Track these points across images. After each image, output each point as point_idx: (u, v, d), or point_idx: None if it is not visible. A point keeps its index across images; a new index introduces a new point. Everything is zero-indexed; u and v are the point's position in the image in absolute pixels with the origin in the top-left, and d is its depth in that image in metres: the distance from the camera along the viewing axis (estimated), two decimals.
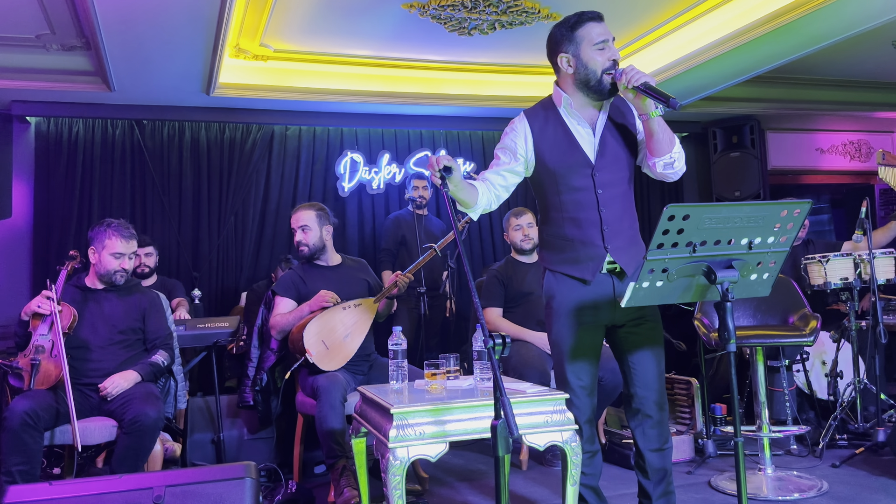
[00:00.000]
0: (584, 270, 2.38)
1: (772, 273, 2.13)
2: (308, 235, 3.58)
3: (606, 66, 2.32)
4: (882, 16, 4.05)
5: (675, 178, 2.40)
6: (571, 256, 2.40)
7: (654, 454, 2.42)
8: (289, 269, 3.69)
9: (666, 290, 2.06)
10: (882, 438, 3.57)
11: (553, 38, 2.42)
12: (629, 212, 2.45)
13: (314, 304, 3.45)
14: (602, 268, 2.38)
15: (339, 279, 3.61)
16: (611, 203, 2.38)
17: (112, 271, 3.19)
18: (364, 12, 4.19)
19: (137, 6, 3.58)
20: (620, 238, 2.39)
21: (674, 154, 2.32)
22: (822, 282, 3.83)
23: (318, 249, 3.60)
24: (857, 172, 7.27)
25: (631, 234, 2.44)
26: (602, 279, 2.39)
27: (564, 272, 2.42)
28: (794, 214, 2.02)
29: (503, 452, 1.82)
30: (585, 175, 2.38)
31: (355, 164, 5.67)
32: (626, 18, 4.49)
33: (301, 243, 3.59)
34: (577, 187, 2.38)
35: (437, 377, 2.58)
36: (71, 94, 4.87)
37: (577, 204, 2.39)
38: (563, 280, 2.43)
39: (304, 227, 3.58)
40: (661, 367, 2.46)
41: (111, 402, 2.99)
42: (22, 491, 2.06)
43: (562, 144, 2.40)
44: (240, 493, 2.14)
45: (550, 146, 2.40)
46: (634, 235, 2.45)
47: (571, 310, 2.41)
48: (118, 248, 3.18)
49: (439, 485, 3.50)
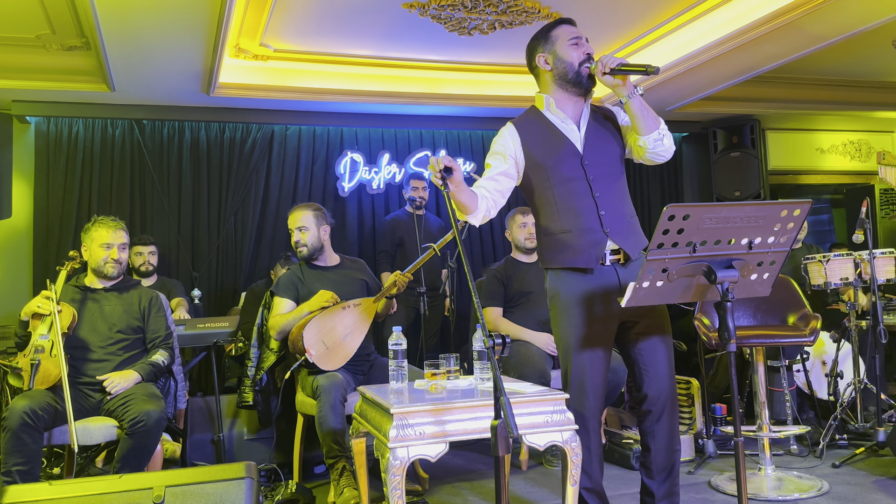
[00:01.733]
0: (586, 259, 2.38)
1: (772, 273, 2.14)
2: (306, 235, 3.59)
3: (582, 58, 2.42)
4: (882, 16, 4.05)
5: (667, 157, 2.45)
6: (572, 248, 2.40)
7: (662, 454, 2.42)
8: (287, 270, 3.69)
9: (666, 290, 2.07)
10: (882, 438, 3.57)
11: (530, 46, 2.54)
12: (625, 200, 2.47)
13: (314, 304, 3.45)
14: (604, 255, 2.38)
15: (337, 279, 3.61)
16: (605, 189, 2.41)
17: (102, 262, 3.20)
18: (364, 12, 4.19)
19: (137, 6, 3.58)
20: (620, 223, 2.40)
21: (661, 130, 2.39)
22: (822, 282, 3.83)
23: (317, 249, 3.61)
24: (857, 172, 7.27)
25: (630, 221, 2.45)
26: (605, 270, 2.39)
27: (566, 266, 2.42)
28: (794, 214, 2.02)
29: (503, 452, 1.82)
30: (575, 165, 2.42)
31: (355, 164, 5.67)
32: (626, 18, 4.49)
33: (299, 243, 3.60)
34: (569, 177, 2.42)
35: (437, 377, 2.58)
36: (71, 94, 4.87)
37: (570, 193, 2.41)
38: (566, 275, 2.42)
39: (302, 227, 3.59)
40: (671, 364, 2.44)
41: (111, 402, 2.99)
42: (22, 491, 2.07)
43: (549, 139, 2.46)
44: (240, 493, 2.14)
45: (538, 142, 2.46)
46: (634, 224, 2.47)
47: (578, 302, 2.39)
48: (105, 238, 3.19)
49: (439, 485, 3.50)
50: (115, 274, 3.25)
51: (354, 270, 3.72)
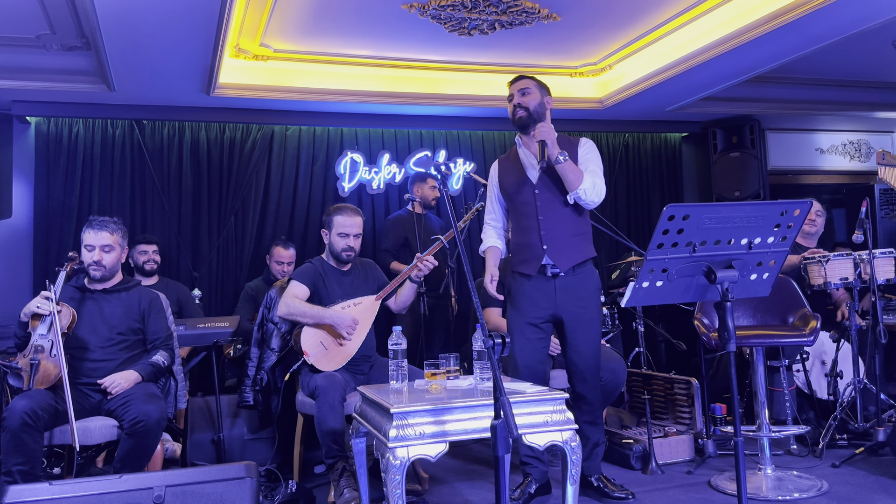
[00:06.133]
0: (528, 267, 3.09)
1: (772, 273, 2.14)
2: (358, 242, 3.59)
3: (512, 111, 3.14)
4: (882, 16, 4.05)
5: (591, 207, 3.06)
6: (520, 257, 3.13)
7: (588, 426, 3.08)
8: (308, 262, 3.66)
9: (666, 290, 2.07)
10: (882, 438, 3.57)
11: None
12: (569, 222, 3.05)
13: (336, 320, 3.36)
14: (543, 265, 3.04)
15: (352, 282, 3.61)
16: (549, 213, 3.04)
17: (86, 264, 3.19)
18: (364, 12, 4.19)
19: (137, 6, 3.58)
20: (557, 241, 3.03)
21: (579, 191, 2.98)
22: (822, 282, 3.83)
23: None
24: (857, 172, 7.27)
25: (571, 240, 3.04)
26: (543, 277, 3.05)
27: (517, 270, 3.14)
28: (794, 214, 2.02)
29: (503, 452, 1.82)
30: (529, 192, 3.08)
31: (355, 164, 5.67)
32: (626, 18, 4.49)
33: (350, 249, 3.56)
34: (523, 202, 3.10)
35: (437, 377, 2.59)
36: (71, 94, 4.87)
37: (522, 215, 3.11)
38: (517, 277, 3.15)
39: (358, 234, 3.60)
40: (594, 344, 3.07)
41: (112, 402, 2.99)
42: (22, 491, 2.07)
43: (513, 172, 3.16)
44: (240, 493, 2.14)
45: (507, 174, 3.20)
46: (574, 242, 3.05)
47: (520, 298, 3.10)
48: (87, 239, 3.17)
49: (439, 485, 3.50)
50: (97, 276, 3.19)
51: (367, 272, 3.72)
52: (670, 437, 3.76)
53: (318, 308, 3.42)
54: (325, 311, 3.40)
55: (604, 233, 4.34)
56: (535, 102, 3.08)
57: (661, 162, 6.58)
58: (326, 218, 3.62)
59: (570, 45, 4.90)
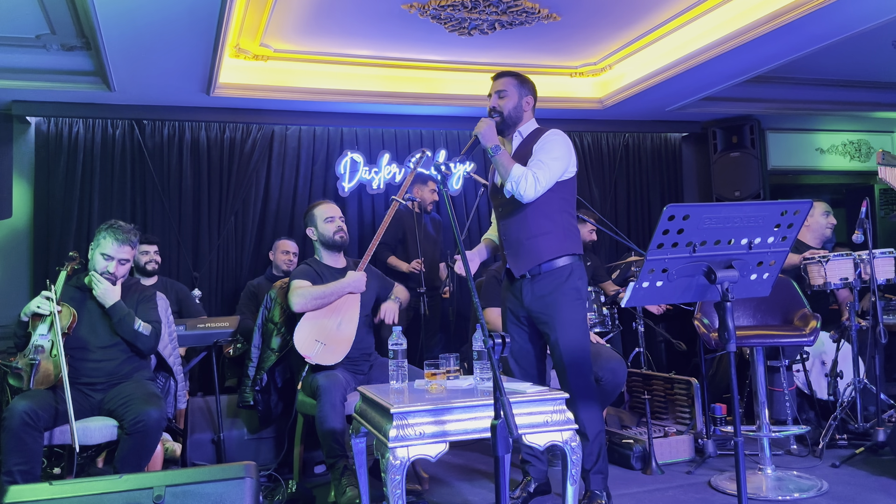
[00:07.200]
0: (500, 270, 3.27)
1: (772, 273, 2.14)
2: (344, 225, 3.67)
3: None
4: (882, 16, 4.05)
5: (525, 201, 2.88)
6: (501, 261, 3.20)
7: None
8: (303, 264, 3.66)
9: (666, 290, 2.07)
10: (882, 438, 3.57)
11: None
12: (526, 225, 2.96)
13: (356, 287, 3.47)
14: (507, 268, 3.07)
15: None
16: (506, 217, 3.03)
17: (98, 270, 3.14)
18: (364, 12, 4.19)
19: (137, 6, 3.58)
20: (512, 247, 3.01)
21: (507, 185, 2.87)
22: (822, 282, 3.82)
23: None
24: (857, 172, 7.27)
25: (526, 243, 2.96)
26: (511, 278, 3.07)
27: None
28: (794, 214, 2.02)
29: (503, 452, 1.82)
30: (495, 195, 3.09)
31: (355, 164, 5.67)
32: (625, 18, 4.49)
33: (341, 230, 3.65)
34: (495, 205, 3.13)
35: (437, 377, 2.59)
36: (71, 94, 4.87)
37: (496, 219, 3.15)
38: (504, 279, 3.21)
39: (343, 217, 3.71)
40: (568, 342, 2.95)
41: (112, 402, 2.98)
42: (22, 491, 2.07)
43: (494, 175, 3.13)
44: (240, 493, 2.14)
45: (492, 177, 3.16)
46: (529, 245, 2.96)
47: (505, 299, 3.17)
48: (108, 249, 3.12)
49: (439, 485, 3.50)
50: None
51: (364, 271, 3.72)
52: (670, 437, 3.76)
53: (331, 284, 3.46)
54: (338, 282, 3.47)
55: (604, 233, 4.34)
56: (510, 105, 3.00)
57: (661, 162, 6.58)
58: (307, 217, 3.68)
59: (570, 45, 4.90)
